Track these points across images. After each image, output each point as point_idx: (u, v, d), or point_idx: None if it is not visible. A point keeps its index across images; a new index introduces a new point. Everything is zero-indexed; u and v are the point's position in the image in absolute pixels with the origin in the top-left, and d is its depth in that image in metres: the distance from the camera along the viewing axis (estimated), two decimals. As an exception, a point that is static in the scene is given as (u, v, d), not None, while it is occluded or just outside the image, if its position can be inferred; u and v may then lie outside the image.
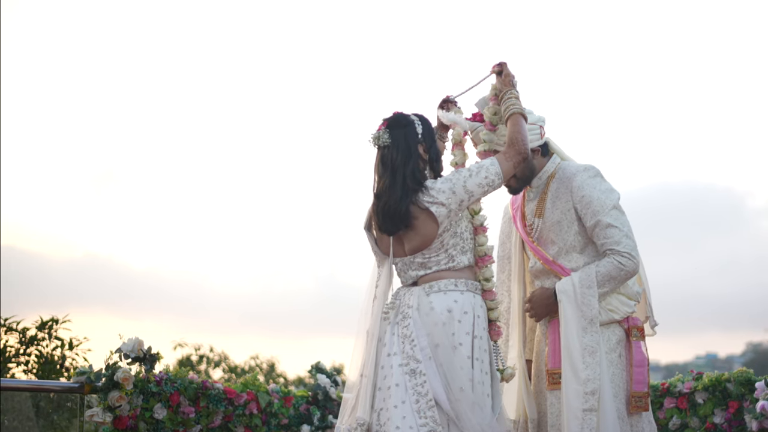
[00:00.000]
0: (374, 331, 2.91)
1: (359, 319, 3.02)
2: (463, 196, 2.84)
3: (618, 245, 3.01)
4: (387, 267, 2.97)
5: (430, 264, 2.89)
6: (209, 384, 4.53)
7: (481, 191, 2.87)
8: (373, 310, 2.94)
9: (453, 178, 2.86)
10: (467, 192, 2.84)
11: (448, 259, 2.89)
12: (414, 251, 2.91)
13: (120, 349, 4.17)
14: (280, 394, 4.98)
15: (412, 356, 2.78)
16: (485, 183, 2.86)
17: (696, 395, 4.73)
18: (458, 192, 2.83)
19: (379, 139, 2.93)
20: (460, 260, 2.90)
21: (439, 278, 2.88)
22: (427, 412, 2.71)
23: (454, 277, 2.89)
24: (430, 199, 2.83)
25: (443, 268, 2.89)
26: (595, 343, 2.96)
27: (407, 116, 2.97)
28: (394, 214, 2.85)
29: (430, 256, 2.89)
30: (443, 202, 2.82)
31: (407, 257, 2.93)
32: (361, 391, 2.84)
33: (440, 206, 2.82)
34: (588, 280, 3.00)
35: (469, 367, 2.78)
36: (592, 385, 2.92)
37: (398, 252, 2.96)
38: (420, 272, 2.91)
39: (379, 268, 3.02)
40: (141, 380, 4.12)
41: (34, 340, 6.22)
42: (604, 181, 3.12)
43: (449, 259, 2.89)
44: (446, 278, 2.88)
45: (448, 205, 2.83)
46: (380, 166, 2.93)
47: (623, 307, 3.07)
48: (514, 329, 3.33)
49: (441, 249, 2.88)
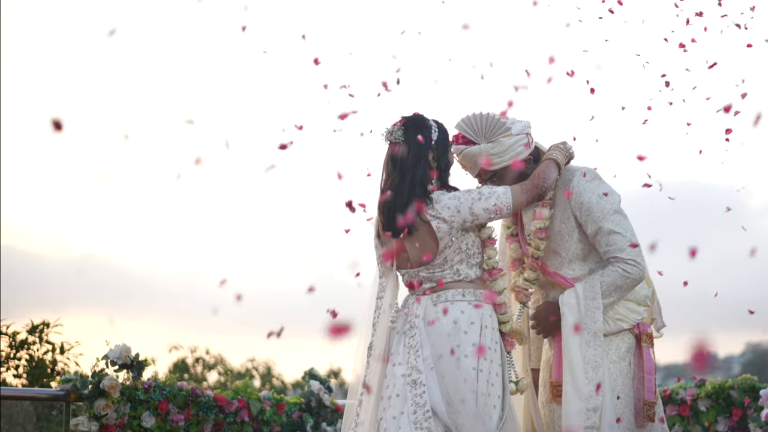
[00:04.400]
0: (379, 344, 2.87)
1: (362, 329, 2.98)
2: (468, 217, 2.78)
3: (622, 252, 2.88)
4: (392, 279, 2.94)
5: (435, 278, 2.85)
6: (199, 391, 4.43)
7: (487, 216, 2.81)
8: (380, 323, 2.90)
9: (462, 196, 2.79)
10: (472, 214, 2.78)
11: (453, 273, 2.84)
12: (418, 264, 2.86)
13: (107, 355, 4.07)
14: (272, 401, 4.87)
15: (415, 367, 2.75)
16: (493, 210, 2.79)
17: (699, 403, 4.64)
18: (463, 212, 2.77)
19: (392, 135, 2.88)
20: (466, 274, 2.85)
21: (447, 288, 2.84)
22: (423, 423, 2.68)
23: (461, 287, 2.84)
24: (433, 213, 2.77)
25: (449, 281, 2.85)
26: (598, 357, 2.84)
27: (426, 119, 2.91)
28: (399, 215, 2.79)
29: (434, 270, 2.85)
30: (446, 218, 2.77)
31: (412, 270, 2.89)
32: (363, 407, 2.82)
33: (442, 222, 2.77)
34: (592, 292, 2.88)
35: (473, 379, 2.72)
36: (594, 401, 2.81)
37: (404, 263, 2.91)
38: (426, 285, 2.88)
39: (382, 278, 2.96)
40: (128, 388, 4.03)
41: (25, 344, 6.13)
42: (603, 184, 2.96)
43: (455, 273, 2.84)
44: (453, 288, 2.84)
45: (450, 223, 2.77)
46: (389, 163, 2.88)
47: (632, 315, 2.95)
48: None
49: (445, 264, 2.83)
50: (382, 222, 2.87)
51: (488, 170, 2.96)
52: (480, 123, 2.93)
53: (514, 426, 2.81)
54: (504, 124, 2.91)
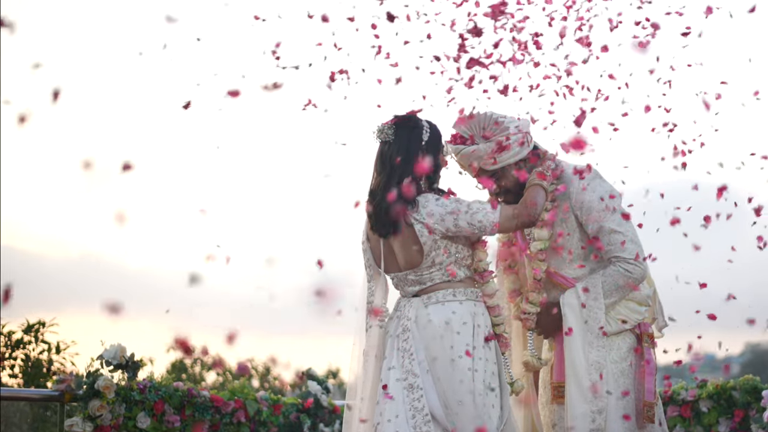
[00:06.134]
0: (372, 348, 2.85)
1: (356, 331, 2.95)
2: (451, 227, 2.73)
3: (623, 251, 2.84)
4: (381, 283, 2.92)
5: (424, 280, 2.82)
6: (195, 391, 4.38)
7: (470, 231, 2.75)
8: (372, 328, 2.88)
9: (450, 205, 2.74)
10: (456, 226, 2.73)
11: (442, 274, 2.81)
12: (406, 267, 2.83)
13: (102, 356, 4.03)
14: (269, 402, 4.83)
15: (410, 371, 2.73)
16: (477, 226, 2.74)
17: (700, 403, 4.59)
18: (447, 222, 2.73)
19: (382, 133, 2.85)
20: (457, 274, 2.82)
21: (437, 289, 2.81)
22: (423, 427, 2.66)
23: (452, 287, 2.81)
24: (418, 217, 2.74)
25: (438, 282, 2.81)
26: (601, 357, 2.81)
27: (418, 120, 2.86)
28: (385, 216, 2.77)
29: (422, 273, 2.81)
30: (429, 224, 2.73)
31: (401, 273, 2.86)
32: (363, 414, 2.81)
33: (424, 228, 2.73)
34: (594, 292, 2.84)
35: (469, 380, 2.69)
36: (599, 403, 2.77)
37: (393, 267, 2.88)
38: (415, 288, 2.85)
39: (370, 282, 2.93)
40: (123, 388, 3.98)
41: (20, 343, 6.09)
42: (603, 182, 2.93)
43: (443, 273, 2.81)
44: (444, 289, 2.80)
45: (433, 230, 2.73)
46: (379, 162, 2.85)
47: (634, 315, 2.91)
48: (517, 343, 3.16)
49: (433, 267, 2.80)
50: (371, 224, 2.85)
51: (487, 170, 2.92)
52: (478, 122, 2.89)
53: (512, 426, 2.78)
54: (502, 123, 2.87)
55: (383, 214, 2.77)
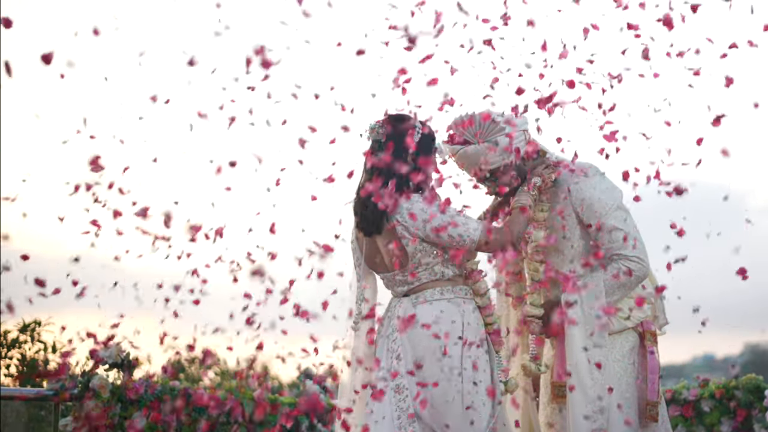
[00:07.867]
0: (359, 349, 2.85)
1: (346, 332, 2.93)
2: (430, 235, 2.71)
3: (625, 249, 2.81)
4: (371, 283, 2.93)
5: (412, 280, 2.81)
6: (191, 391, 4.34)
7: (449, 242, 2.72)
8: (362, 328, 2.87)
9: (433, 212, 2.69)
10: (436, 236, 2.71)
11: (430, 273, 2.79)
12: (393, 268, 2.82)
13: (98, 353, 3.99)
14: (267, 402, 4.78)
15: (398, 372, 2.73)
16: (456, 240, 2.70)
17: (702, 403, 4.56)
18: (427, 230, 2.70)
19: (372, 132, 2.82)
20: (444, 272, 2.80)
21: (425, 288, 2.80)
22: (407, 427, 2.66)
23: (440, 285, 2.79)
24: (399, 218, 2.73)
25: (426, 281, 2.79)
26: (603, 357, 2.77)
27: (410, 120, 2.82)
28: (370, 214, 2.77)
29: (409, 272, 2.80)
30: (409, 227, 2.72)
31: (389, 273, 2.85)
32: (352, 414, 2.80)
33: (405, 230, 2.72)
34: (596, 290, 2.81)
35: (457, 379, 2.66)
36: (600, 403, 2.74)
37: (381, 267, 2.87)
38: (404, 288, 2.84)
39: (360, 282, 2.93)
40: (119, 387, 3.94)
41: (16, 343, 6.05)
42: (604, 179, 2.89)
43: (431, 273, 2.79)
44: (432, 288, 2.79)
45: (411, 232, 2.72)
46: (368, 161, 2.82)
47: (636, 313, 2.88)
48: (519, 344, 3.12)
49: (419, 267, 2.78)
50: (357, 222, 2.84)
51: (485, 170, 2.89)
52: (475, 123, 2.85)
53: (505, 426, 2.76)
54: (499, 123, 2.84)
55: (369, 213, 2.76)
